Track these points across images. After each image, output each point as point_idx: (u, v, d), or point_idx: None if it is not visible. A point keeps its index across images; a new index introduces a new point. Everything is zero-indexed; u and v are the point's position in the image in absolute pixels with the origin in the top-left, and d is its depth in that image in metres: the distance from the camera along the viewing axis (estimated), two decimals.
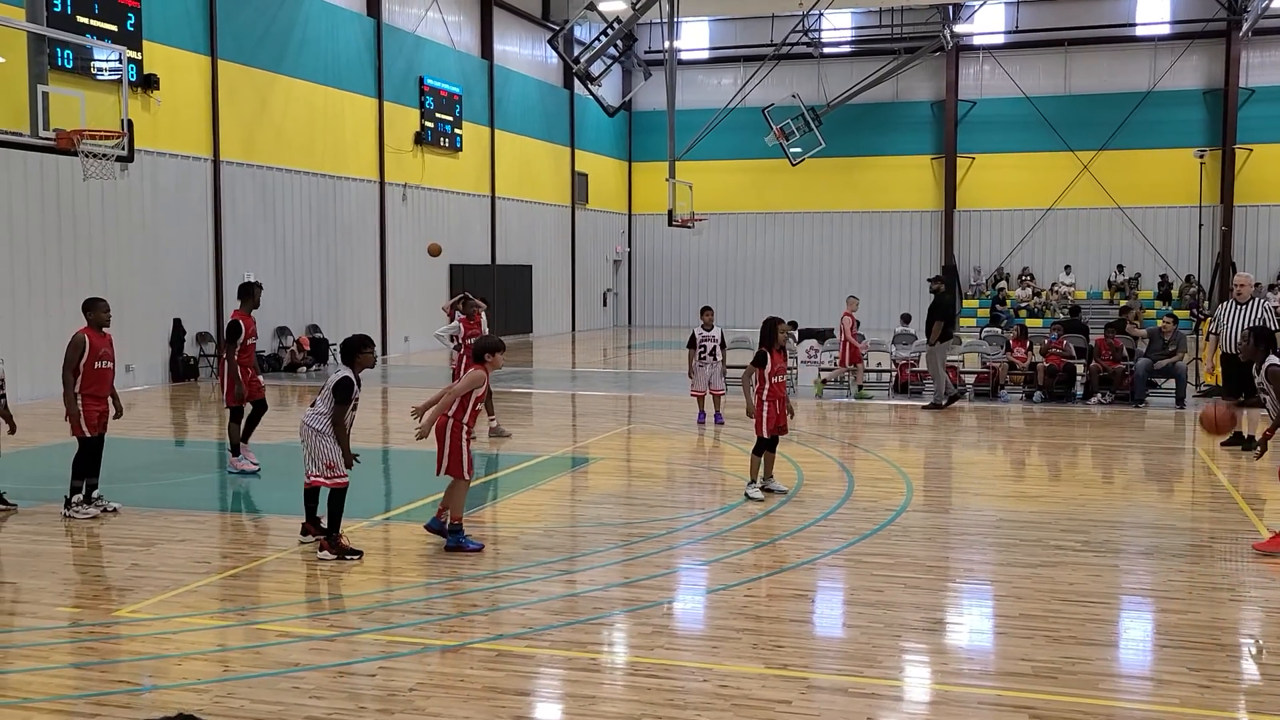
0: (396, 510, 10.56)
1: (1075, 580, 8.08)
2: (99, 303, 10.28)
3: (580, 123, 39.67)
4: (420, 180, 30.08)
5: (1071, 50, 39.09)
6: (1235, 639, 7.03)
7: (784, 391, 11.02)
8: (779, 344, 10.91)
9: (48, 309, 18.85)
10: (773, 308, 40.30)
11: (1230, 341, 13.62)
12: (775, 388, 10.82)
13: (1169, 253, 38.56)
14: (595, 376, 25.34)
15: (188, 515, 10.24)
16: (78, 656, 6.54)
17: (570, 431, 16.91)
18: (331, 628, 7.05)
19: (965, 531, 9.83)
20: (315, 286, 26.03)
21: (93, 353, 9.95)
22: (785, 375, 11.08)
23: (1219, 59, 37.90)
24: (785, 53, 36.77)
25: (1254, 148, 37.46)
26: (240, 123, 23.45)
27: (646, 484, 12.37)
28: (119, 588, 7.91)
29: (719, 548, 9.08)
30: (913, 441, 15.46)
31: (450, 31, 31.55)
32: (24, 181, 18.51)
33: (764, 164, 39.86)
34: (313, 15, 25.63)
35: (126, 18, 19.94)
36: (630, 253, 44.59)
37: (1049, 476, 12.97)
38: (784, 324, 11.06)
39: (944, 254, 40.64)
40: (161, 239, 21.44)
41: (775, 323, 10.99)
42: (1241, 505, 10.78)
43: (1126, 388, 18.57)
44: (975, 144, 40.17)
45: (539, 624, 7.11)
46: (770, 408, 10.81)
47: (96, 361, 9.98)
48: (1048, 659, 6.44)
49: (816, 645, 6.89)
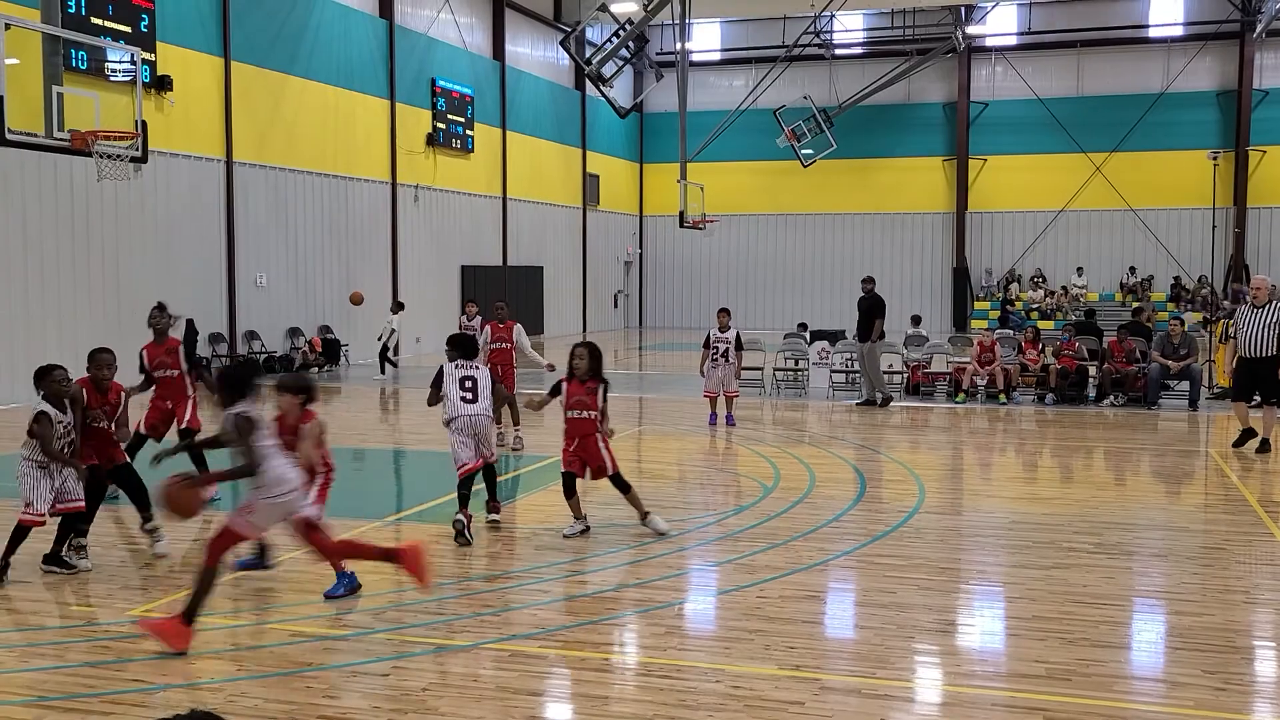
0: (408, 511, 10.57)
1: (1088, 582, 8.05)
2: (100, 355, 8.75)
3: (592, 124, 39.69)
4: (432, 181, 30.12)
5: (1084, 52, 38.98)
6: (1249, 641, 7.01)
7: (586, 430, 9.31)
8: (577, 373, 9.36)
9: (60, 309, 18.93)
10: (784, 309, 40.38)
11: (1248, 345, 13.60)
12: (569, 423, 9.37)
13: (1182, 255, 38.43)
14: (606, 378, 25.29)
15: (200, 514, 10.22)
16: (92, 655, 6.56)
17: None
18: (344, 627, 7.07)
19: (978, 533, 9.81)
20: (327, 287, 26.07)
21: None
22: (590, 413, 9.29)
23: (1232, 60, 37.76)
24: (797, 54, 36.73)
25: (1268, 149, 37.30)
26: (253, 124, 23.52)
27: (658, 485, 12.36)
28: (133, 587, 7.93)
29: (731, 549, 9.07)
30: (925, 443, 15.44)
31: (462, 33, 31.60)
32: (38, 182, 18.58)
33: (775, 165, 39.83)
34: (325, 17, 25.69)
35: (140, 19, 20.01)
36: (641, 254, 44.59)
37: (1061, 478, 12.93)
38: (581, 349, 9.39)
39: (955, 255, 40.57)
40: (174, 240, 21.50)
41: (574, 348, 9.46)
42: (1255, 507, 10.74)
43: (1139, 390, 18.52)
44: (987, 145, 40.09)
45: (551, 624, 7.11)
46: (565, 442, 9.44)
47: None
48: (1061, 661, 6.42)
49: (829, 646, 6.88)
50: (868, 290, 19.08)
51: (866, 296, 18.99)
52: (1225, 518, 10.48)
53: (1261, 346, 13.47)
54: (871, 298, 18.92)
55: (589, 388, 9.33)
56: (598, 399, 9.32)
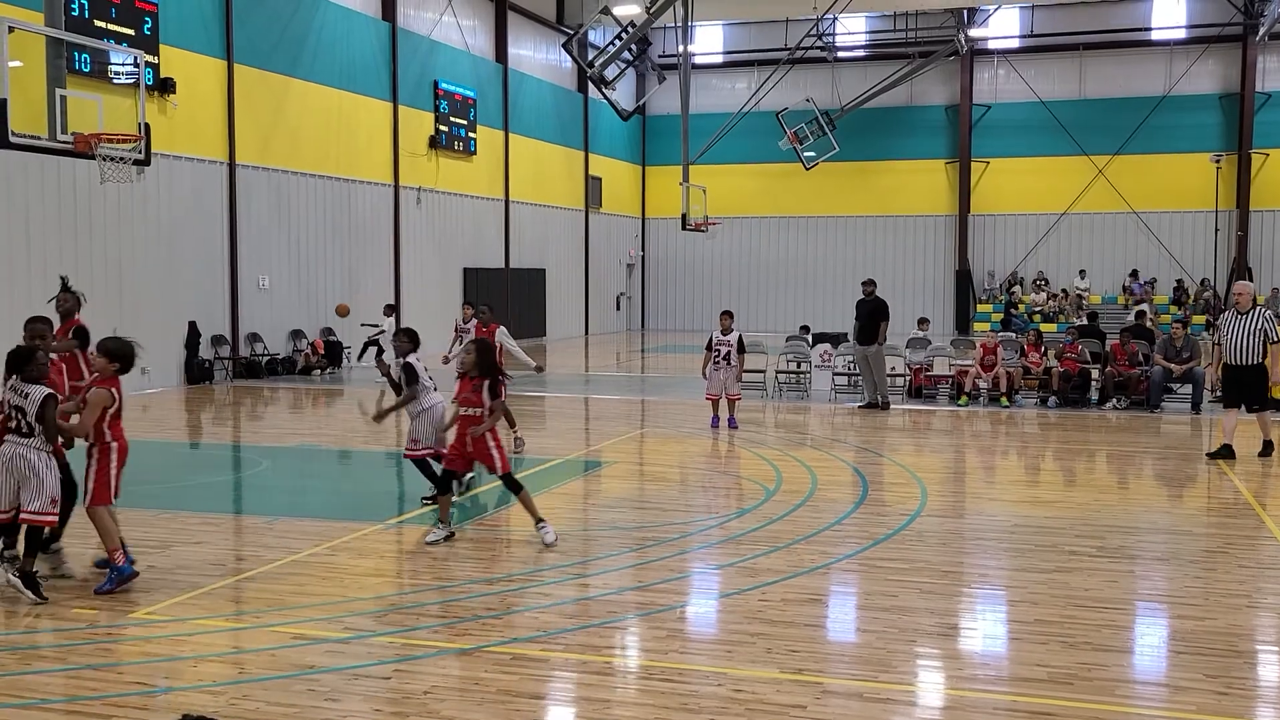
0: (410, 514, 10.58)
1: (1091, 586, 8.05)
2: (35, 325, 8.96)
3: (594, 126, 39.71)
4: (434, 184, 30.14)
5: (1086, 54, 38.98)
6: (1252, 646, 7.00)
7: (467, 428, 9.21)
8: (465, 370, 9.32)
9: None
10: (786, 311, 40.41)
11: (1232, 352, 13.53)
12: (458, 420, 9.37)
13: (1184, 257, 38.42)
14: (608, 380, 25.35)
15: (203, 517, 10.27)
16: (94, 658, 6.57)
17: (584, 435, 16.91)
18: (346, 630, 7.07)
19: (980, 536, 9.81)
20: (329, 289, 26.08)
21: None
22: (477, 409, 9.18)
23: (1235, 63, 37.75)
24: (799, 57, 36.74)
25: (1270, 152, 37.28)
26: (256, 126, 23.55)
27: (660, 488, 12.37)
28: (135, 589, 7.93)
29: (733, 552, 9.07)
30: (927, 446, 15.43)
31: (465, 35, 31.62)
32: (40, 184, 18.61)
33: (778, 168, 39.84)
34: (328, 19, 25.72)
35: (144, 22, 20.04)
36: (643, 256, 44.61)
37: (1064, 481, 12.93)
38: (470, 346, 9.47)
39: (958, 258, 40.56)
40: (177, 242, 21.53)
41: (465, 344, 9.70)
42: (1258, 511, 10.73)
43: (1142, 393, 18.50)
44: (990, 148, 40.09)
45: (553, 627, 7.11)
46: (455, 439, 9.43)
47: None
48: (1063, 665, 6.41)
49: (831, 650, 6.88)
50: (868, 293, 19.08)
51: (869, 299, 18.99)
52: (1228, 521, 10.48)
53: (1245, 354, 13.38)
54: (875, 300, 18.92)
55: (475, 385, 9.25)
56: (483, 396, 9.22)
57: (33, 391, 7.56)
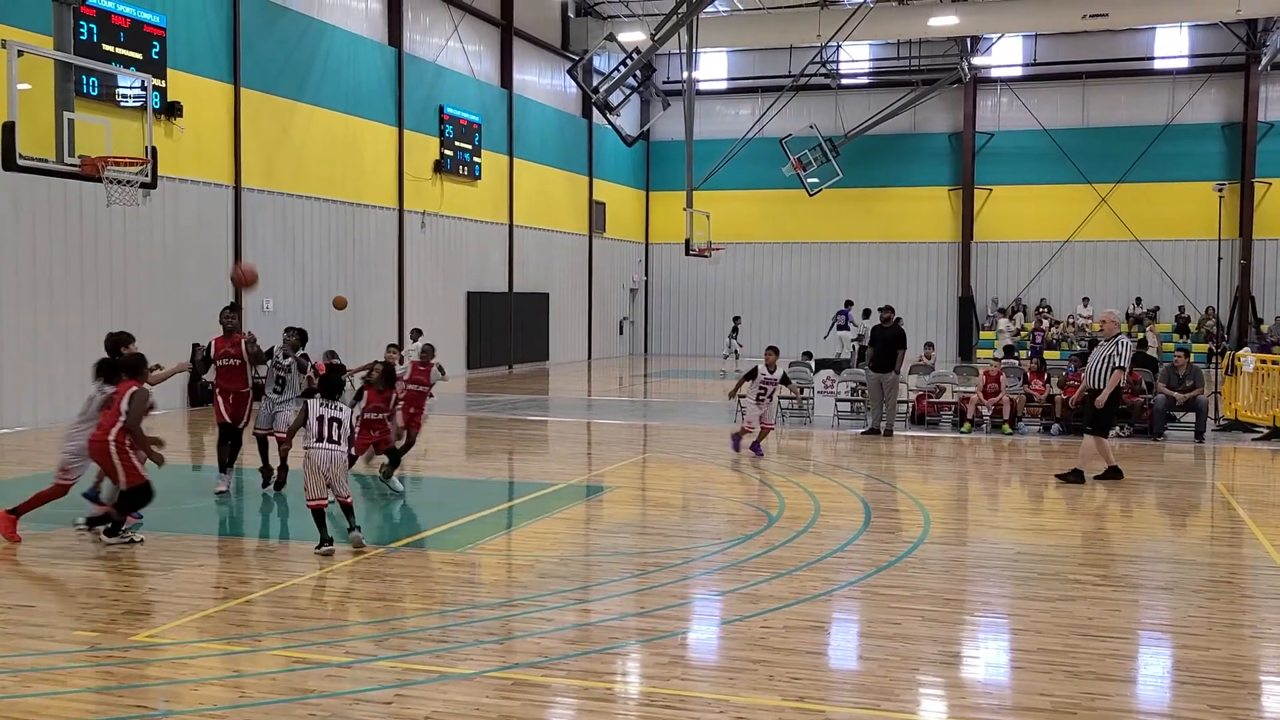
0: (412, 537, 10.56)
1: (1094, 615, 8.02)
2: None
3: (598, 152, 39.85)
4: (439, 208, 30.24)
5: (1089, 83, 39.14)
6: (1256, 676, 6.97)
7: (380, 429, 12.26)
8: (375, 383, 12.27)
9: (69, 333, 18.99)
10: (789, 337, 40.36)
11: (1089, 376, 14.22)
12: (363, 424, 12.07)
13: (1187, 286, 38.45)
14: (611, 405, 25.34)
15: (205, 540, 10.26)
16: (95, 681, 6.56)
17: (586, 460, 16.91)
18: (347, 655, 7.05)
19: (983, 564, 9.78)
20: (334, 313, 26.09)
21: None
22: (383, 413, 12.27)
23: (1238, 93, 37.89)
24: (803, 84, 36.92)
25: (1273, 181, 37.38)
26: (261, 150, 23.65)
27: (662, 513, 12.35)
28: (136, 612, 7.93)
29: (735, 578, 9.05)
30: (930, 473, 15.41)
31: (470, 61, 31.79)
32: (47, 206, 18.68)
33: (781, 194, 39.95)
34: (335, 44, 25.87)
35: (151, 46, 20.16)
36: (647, 281, 44.68)
37: (1067, 509, 12.89)
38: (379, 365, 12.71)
39: (961, 285, 40.62)
40: (182, 265, 21.59)
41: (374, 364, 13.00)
42: (1261, 540, 10.70)
43: (1145, 421, 18.48)
44: (993, 175, 40.20)
45: (554, 653, 7.09)
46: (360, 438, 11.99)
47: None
48: (1067, 694, 6.39)
49: (833, 678, 6.85)
50: (887, 319, 19.05)
51: (889, 326, 18.95)
52: (1232, 550, 10.45)
53: (1097, 378, 14.04)
54: (895, 328, 18.88)
55: (385, 396, 12.29)
56: (389, 404, 12.36)
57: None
